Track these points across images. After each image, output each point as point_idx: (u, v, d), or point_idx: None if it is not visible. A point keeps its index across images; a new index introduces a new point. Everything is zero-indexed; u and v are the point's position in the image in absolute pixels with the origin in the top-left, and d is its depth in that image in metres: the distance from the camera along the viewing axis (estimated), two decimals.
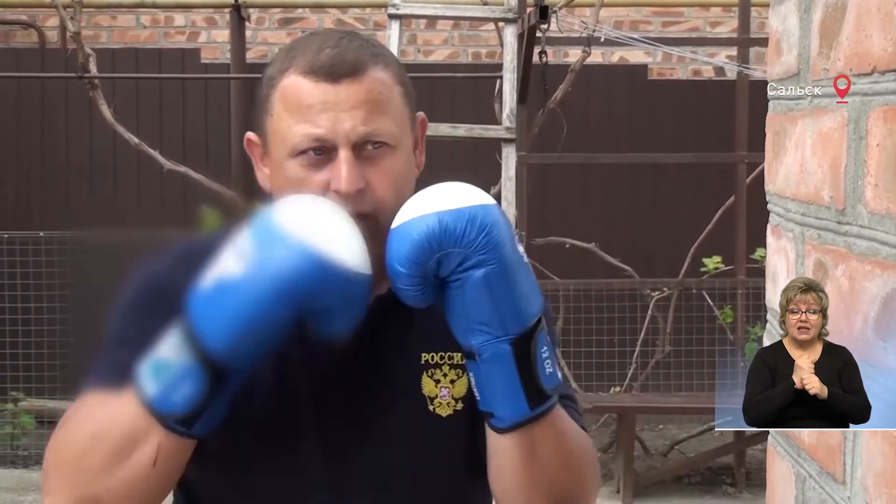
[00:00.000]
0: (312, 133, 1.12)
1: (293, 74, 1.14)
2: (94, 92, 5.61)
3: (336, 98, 1.12)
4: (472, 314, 1.06)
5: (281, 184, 1.15)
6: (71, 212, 6.55)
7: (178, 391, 1.05)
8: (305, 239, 1.02)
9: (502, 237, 1.06)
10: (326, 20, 7.17)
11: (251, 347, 1.05)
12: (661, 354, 5.94)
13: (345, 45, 1.15)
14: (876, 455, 0.74)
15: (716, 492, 5.37)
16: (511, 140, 4.13)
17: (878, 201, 0.75)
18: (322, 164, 1.13)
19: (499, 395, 1.08)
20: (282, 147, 1.15)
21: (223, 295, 1.03)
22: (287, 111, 1.14)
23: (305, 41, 1.18)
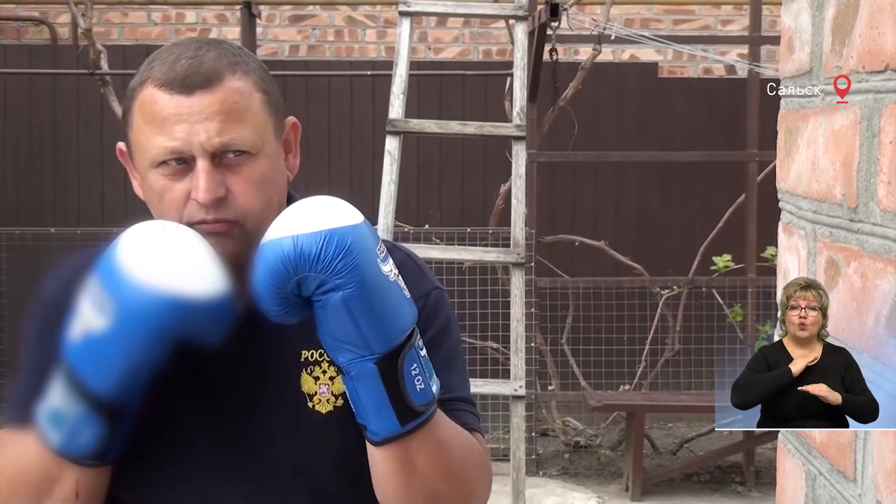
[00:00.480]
0: (168, 145, 1.14)
1: (150, 86, 1.16)
2: (105, 88, 5.63)
3: (190, 109, 1.14)
4: (336, 333, 1.07)
5: (147, 193, 1.19)
6: (82, 208, 6.58)
7: (80, 436, 1.11)
8: (159, 283, 1.06)
9: (360, 259, 1.05)
10: (337, 17, 7.18)
11: (137, 384, 1.10)
12: (670, 353, 5.93)
13: (202, 56, 1.16)
14: (887, 452, 0.74)
15: (725, 490, 5.36)
16: (521, 138, 4.13)
17: (890, 199, 0.75)
18: (183, 174, 1.15)
19: (369, 410, 1.10)
20: (143, 158, 1.17)
21: (95, 348, 1.08)
22: (145, 123, 1.16)
23: (166, 52, 1.19)
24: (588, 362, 5.93)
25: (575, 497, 5.16)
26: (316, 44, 7.18)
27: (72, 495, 1.13)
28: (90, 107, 6.42)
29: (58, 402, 1.10)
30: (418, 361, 1.10)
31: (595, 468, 5.62)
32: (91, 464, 1.12)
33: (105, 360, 1.08)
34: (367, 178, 6.11)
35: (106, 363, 1.08)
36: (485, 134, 4.28)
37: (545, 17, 4.75)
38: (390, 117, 4.13)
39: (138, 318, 1.06)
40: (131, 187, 1.27)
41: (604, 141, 6.38)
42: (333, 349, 1.09)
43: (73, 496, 1.13)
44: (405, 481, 1.15)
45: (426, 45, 7.17)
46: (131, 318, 1.06)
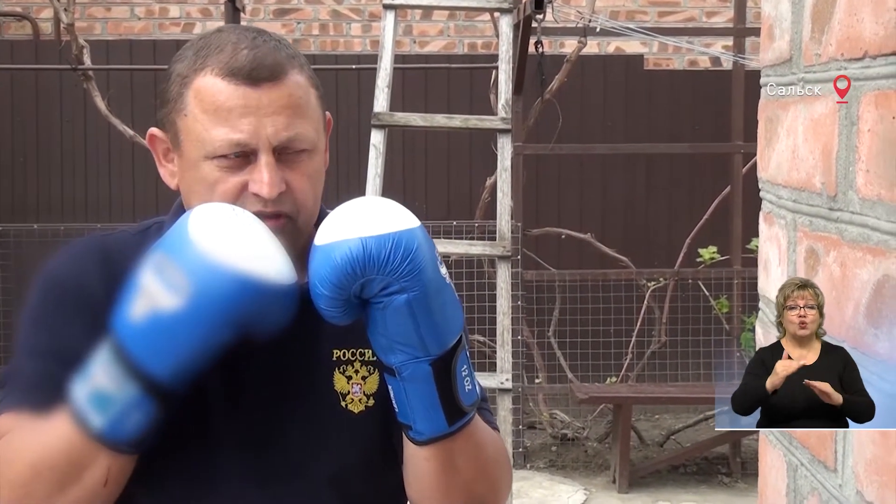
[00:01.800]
0: (233, 138, 1.11)
1: (209, 74, 1.13)
2: (88, 84, 5.60)
3: (258, 102, 1.12)
4: (393, 335, 1.07)
5: (194, 184, 1.15)
6: (66, 204, 6.54)
7: (128, 421, 1.06)
8: (237, 265, 1.03)
9: (425, 262, 1.05)
10: (322, 11, 7.15)
11: (197, 369, 1.07)
12: (656, 345, 5.94)
13: (261, 46, 1.14)
14: (867, 442, 0.74)
15: (711, 481, 5.38)
16: (507, 131, 4.12)
17: (869, 187, 0.74)
18: (240, 167, 1.13)
19: (417, 411, 1.10)
20: (198, 148, 1.13)
21: (164, 329, 1.03)
22: (204, 113, 1.13)
23: (217, 38, 1.16)
24: (575, 355, 5.94)
25: (562, 489, 5.17)
26: (301, 38, 7.15)
27: (101, 483, 1.08)
28: (73, 102, 6.39)
29: (105, 383, 1.05)
30: (467, 362, 1.11)
31: (582, 460, 5.63)
32: (129, 451, 1.08)
33: (172, 341, 1.03)
34: (353, 172, 6.10)
35: (172, 344, 1.04)
36: (470, 127, 4.27)
37: (530, 9, 4.75)
38: (375, 111, 4.12)
39: (216, 298, 1.02)
40: (116, 183, 1.25)
41: (589, 133, 6.38)
42: (387, 350, 1.08)
43: (101, 484, 1.08)
44: (445, 480, 1.15)
45: (411, 38, 7.15)
46: (209, 299, 1.02)
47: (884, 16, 0.72)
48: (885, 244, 0.72)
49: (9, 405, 1.14)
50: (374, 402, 1.21)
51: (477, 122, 4.28)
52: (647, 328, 5.93)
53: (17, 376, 1.16)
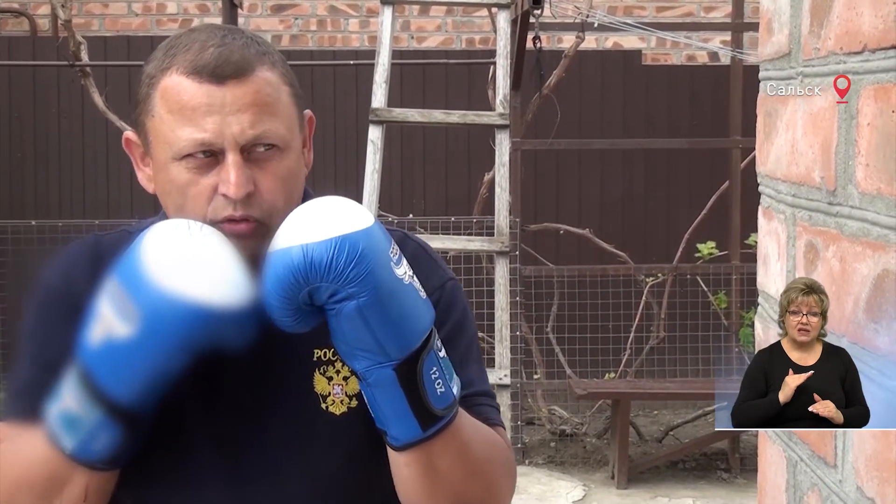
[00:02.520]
0: (198, 137, 1.08)
1: (174, 74, 1.10)
2: (85, 80, 5.59)
3: (222, 100, 1.08)
4: (350, 341, 1.04)
5: (165, 186, 1.12)
6: (63, 200, 6.54)
7: (95, 442, 1.07)
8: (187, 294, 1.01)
9: (373, 265, 1.02)
10: (320, 6, 7.14)
11: (158, 391, 1.07)
12: (655, 340, 5.94)
13: (229, 44, 1.11)
14: (867, 438, 0.74)
15: (710, 477, 5.38)
16: (504, 126, 4.11)
17: (869, 181, 0.74)
18: (209, 167, 1.09)
19: (389, 417, 1.07)
20: (165, 150, 1.11)
21: (117, 354, 1.04)
22: (169, 113, 1.10)
23: (187, 37, 1.13)
24: (573, 350, 5.94)
25: (561, 485, 5.17)
26: (298, 33, 7.14)
27: (80, 498, 1.10)
28: (71, 98, 6.38)
29: (72, 405, 1.06)
30: (437, 364, 1.07)
31: (581, 456, 5.63)
32: (103, 468, 1.09)
33: (127, 367, 1.04)
34: (351, 168, 6.09)
35: (128, 371, 1.04)
36: (468, 122, 4.27)
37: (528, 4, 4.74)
38: (373, 106, 4.11)
39: (166, 327, 1.02)
40: (114, 179, 1.24)
41: (588, 128, 6.37)
42: (349, 356, 1.06)
43: (81, 499, 1.10)
44: (429, 484, 1.12)
45: (409, 33, 7.14)
46: (158, 328, 1.02)
47: (883, 9, 0.72)
48: (884, 238, 0.71)
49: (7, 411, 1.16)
50: (358, 403, 1.17)
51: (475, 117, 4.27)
52: (645, 324, 5.93)
53: (15, 382, 1.17)
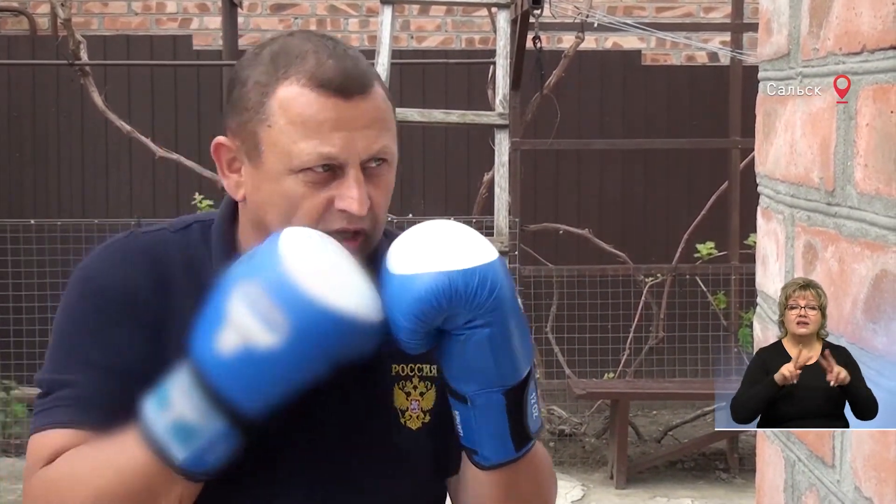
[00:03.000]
0: (324, 151, 1.08)
1: (296, 85, 1.09)
2: (85, 79, 5.59)
3: (350, 115, 1.09)
4: (470, 366, 1.06)
5: (274, 197, 1.11)
6: (62, 199, 6.53)
7: (211, 453, 1.03)
8: (336, 303, 1.00)
9: (507, 295, 1.05)
10: (319, 6, 7.14)
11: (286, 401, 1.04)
12: (654, 340, 5.94)
13: (342, 56, 1.11)
14: (865, 438, 0.74)
15: (709, 477, 5.38)
16: (504, 126, 4.11)
17: (867, 182, 0.74)
18: (326, 182, 1.09)
19: (486, 438, 1.10)
20: (283, 161, 1.09)
21: (258, 366, 1.00)
22: (292, 124, 1.09)
23: (293, 44, 1.12)
24: (572, 350, 5.94)
25: (559, 485, 5.16)
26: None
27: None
28: (70, 98, 6.38)
29: (189, 415, 1.01)
30: (536, 390, 1.12)
31: (580, 456, 5.63)
32: (206, 479, 1.05)
33: (265, 377, 1.01)
34: None
35: (265, 381, 1.01)
36: (468, 122, 4.27)
37: (527, 4, 4.74)
38: None
39: (314, 338, 1.00)
40: (113, 178, 1.22)
41: (587, 129, 6.38)
42: (461, 379, 1.07)
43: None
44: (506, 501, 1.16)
45: (408, 33, 7.14)
46: (307, 338, 1.00)
47: (882, 9, 0.72)
48: (883, 239, 0.71)
49: (57, 419, 1.10)
50: (430, 418, 1.20)
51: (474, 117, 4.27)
52: (644, 324, 5.93)
53: (65, 388, 1.11)
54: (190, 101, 6.57)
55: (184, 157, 5.62)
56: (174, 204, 6.36)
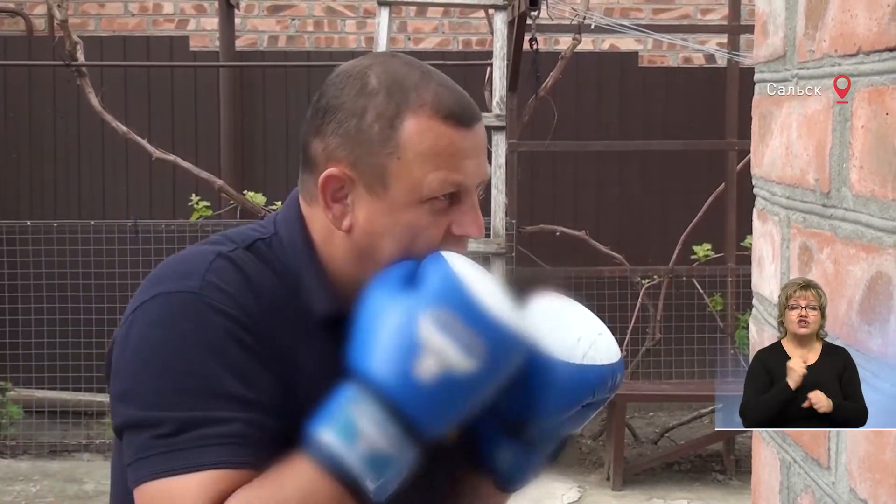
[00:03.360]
0: (454, 179, 1.12)
1: (425, 118, 1.11)
2: (81, 80, 5.58)
3: (473, 143, 1.14)
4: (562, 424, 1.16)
5: (395, 228, 1.11)
6: (59, 200, 6.53)
7: (396, 481, 1.03)
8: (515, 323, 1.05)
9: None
10: (316, 7, 7.14)
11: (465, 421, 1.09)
12: (651, 342, 5.94)
13: (447, 83, 1.15)
14: (860, 440, 0.74)
15: (705, 479, 5.38)
16: (501, 127, 4.12)
17: (863, 184, 0.74)
18: (446, 210, 1.13)
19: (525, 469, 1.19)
20: (413, 191, 1.10)
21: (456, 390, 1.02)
22: (423, 156, 1.10)
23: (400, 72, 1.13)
24: None
25: (556, 487, 5.17)
26: (295, 34, 7.14)
27: None
28: (67, 99, 6.37)
29: (383, 445, 1.00)
30: None
31: (576, 458, 5.63)
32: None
33: (460, 402, 1.03)
34: None
35: (459, 406, 1.03)
36: None
37: (525, 6, 4.74)
38: None
39: (506, 358, 1.04)
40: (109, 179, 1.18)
41: (584, 130, 6.38)
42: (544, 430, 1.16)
43: None
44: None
45: (406, 35, 7.14)
46: (501, 359, 1.04)
47: (877, 11, 0.72)
48: (878, 241, 0.71)
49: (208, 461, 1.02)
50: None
51: None
52: (641, 325, 5.93)
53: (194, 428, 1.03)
54: (187, 102, 6.56)
55: (180, 158, 5.61)
56: (171, 205, 6.36)
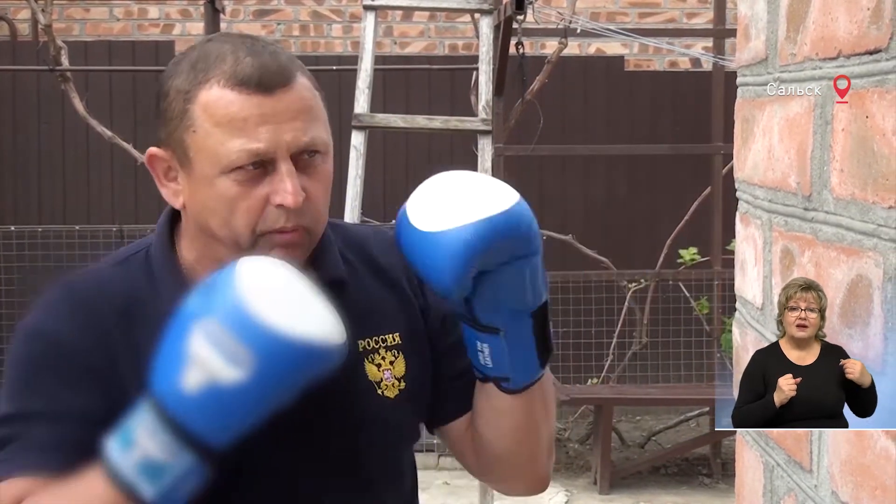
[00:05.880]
0: (252, 148, 1.08)
1: (216, 87, 1.10)
2: (66, 85, 5.56)
3: (273, 109, 1.09)
4: (504, 297, 1.09)
5: (210, 202, 1.11)
6: (43, 206, 6.49)
7: (181, 488, 1.02)
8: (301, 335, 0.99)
9: (537, 228, 1.09)
10: (302, 12, 7.13)
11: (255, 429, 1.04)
12: (637, 346, 5.95)
13: (261, 52, 1.11)
14: (841, 442, 0.74)
15: (692, 482, 5.39)
16: (487, 132, 4.12)
17: (843, 187, 0.74)
18: (258, 179, 1.10)
19: (517, 361, 1.14)
20: (212, 164, 1.10)
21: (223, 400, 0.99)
22: (217, 126, 1.09)
23: (212, 48, 1.13)
24: (556, 356, 5.86)
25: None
26: (281, 39, 7.12)
27: None
28: (51, 104, 6.34)
29: (156, 454, 1.00)
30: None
31: (563, 462, 5.63)
32: None
33: (232, 412, 1.00)
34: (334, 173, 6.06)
35: (232, 415, 1.00)
36: (451, 128, 4.27)
37: (511, 10, 4.74)
38: (356, 112, 4.11)
39: (281, 369, 0.99)
40: (94, 185, 1.22)
41: (571, 135, 6.39)
42: (492, 311, 1.10)
43: None
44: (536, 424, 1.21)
45: (392, 39, 7.14)
46: (274, 371, 0.99)
47: (857, 14, 0.72)
48: (858, 244, 0.71)
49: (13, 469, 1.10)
50: (406, 384, 1.23)
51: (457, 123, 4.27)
52: (628, 329, 5.94)
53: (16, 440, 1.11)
54: None
55: None
56: (156, 210, 6.32)
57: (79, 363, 1.12)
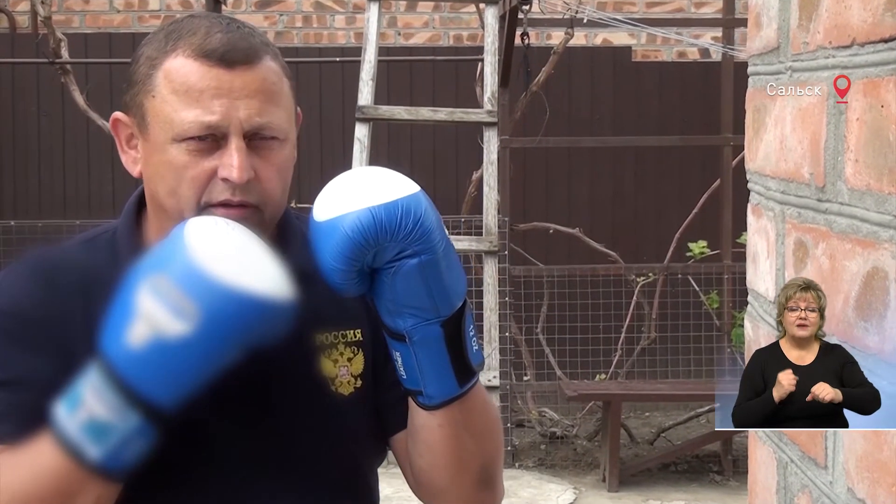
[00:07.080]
0: (204, 120, 1.09)
1: (181, 56, 1.11)
2: (66, 77, 5.56)
3: (231, 84, 1.10)
4: (403, 299, 1.08)
5: (160, 168, 1.12)
6: (43, 200, 6.50)
7: (127, 450, 1.02)
8: (246, 287, 0.99)
9: (433, 225, 1.07)
10: (305, 2, 7.12)
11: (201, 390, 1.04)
12: (646, 341, 5.93)
13: (234, 31, 1.13)
14: (857, 439, 0.72)
15: (702, 479, 5.36)
16: (493, 124, 4.10)
17: (858, 177, 0.72)
18: (209, 151, 1.10)
19: (428, 374, 1.11)
20: (166, 130, 1.11)
21: (169, 357, 1.00)
22: (174, 94, 1.11)
23: (189, 22, 1.15)
24: (563, 351, 5.92)
25: (551, 488, 5.15)
26: (284, 30, 7.11)
27: None
28: (51, 96, 6.34)
29: (101, 413, 1.00)
30: (473, 323, 1.13)
31: (571, 459, 5.61)
32: (123, 478, 1.05)
33: (178, 368, 1.00)
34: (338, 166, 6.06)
35: (178, 372, 1.00)
36: (455, 120, 4.25)
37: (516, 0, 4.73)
38: (359, 104, 4.10)
39: (228, 323, 1.00)
40: (95, 178, 1.22)
41: (577, 126, 6.37)
42: (396, 314, 1.09)
43: None
44: (459, 445, 1.17)
45: (396, 30, 7.12)
46: (220, 324, 0.99)
47: (872, 2, 0.70)
48: (874, 235, 0.70)
49: None
50: (362, 382, 1.22)
51: (462, 115, 4.26)
52: (636, 324, 5.92)
53: None
54: None
55: None
56: None
57: (39, 333, 1.12)
